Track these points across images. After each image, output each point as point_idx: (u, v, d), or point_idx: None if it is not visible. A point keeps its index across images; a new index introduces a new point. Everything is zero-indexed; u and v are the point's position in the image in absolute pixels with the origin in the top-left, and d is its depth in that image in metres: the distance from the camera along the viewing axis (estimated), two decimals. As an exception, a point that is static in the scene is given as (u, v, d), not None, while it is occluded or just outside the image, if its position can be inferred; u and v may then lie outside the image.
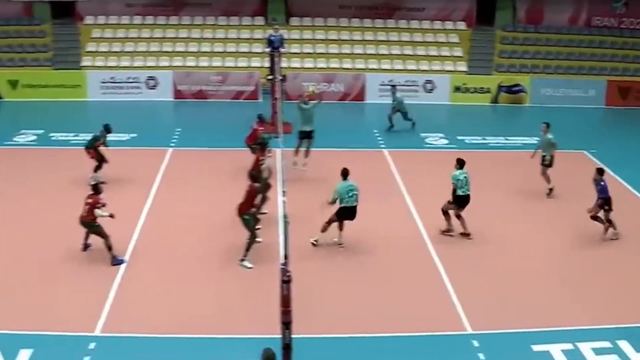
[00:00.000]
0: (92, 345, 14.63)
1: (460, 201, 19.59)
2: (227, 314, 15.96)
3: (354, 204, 18.77)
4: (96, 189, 18.06)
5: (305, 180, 23.05)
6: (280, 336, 11.87)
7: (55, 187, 22.82)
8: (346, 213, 18.81)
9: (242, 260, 17.91)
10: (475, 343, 14.99)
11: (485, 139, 28.79)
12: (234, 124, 24.21)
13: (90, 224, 17.91)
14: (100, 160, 22.88)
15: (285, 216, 12.21)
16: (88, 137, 23.37)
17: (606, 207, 19.59)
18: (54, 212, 20.58)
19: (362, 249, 19.05)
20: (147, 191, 22.53)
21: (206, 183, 23.29)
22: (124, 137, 27.45)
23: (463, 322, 15.77)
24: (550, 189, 22.80)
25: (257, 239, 18.14)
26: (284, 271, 11.60)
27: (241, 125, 25.34)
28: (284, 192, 14.55)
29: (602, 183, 19.57)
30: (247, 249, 17.89)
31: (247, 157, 21.81)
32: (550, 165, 22.71)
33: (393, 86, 29.98)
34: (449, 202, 19.71)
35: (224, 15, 38.15)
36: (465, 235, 19.74)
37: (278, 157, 21.87)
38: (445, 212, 19.80)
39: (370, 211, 19.78)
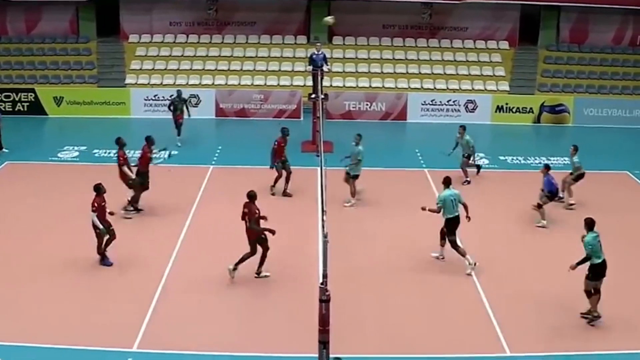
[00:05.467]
0: (129, 361, 14.83)
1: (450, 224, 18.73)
2: (263, 332, 15.97)
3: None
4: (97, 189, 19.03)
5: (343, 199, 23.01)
6: (317, 356, 11.84)
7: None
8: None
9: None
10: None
11: (527, 159, 28.55)
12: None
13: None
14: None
15: (325, 235, 12.19)
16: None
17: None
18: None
19: (399, 269, 18.93)
20: (188, 208, 22.71)
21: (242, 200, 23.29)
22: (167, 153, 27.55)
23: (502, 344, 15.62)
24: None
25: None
26: (323, 290, 11.58)
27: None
28: (324, 211, 14.52)
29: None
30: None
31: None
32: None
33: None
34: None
35: (267, 34, 38.37)
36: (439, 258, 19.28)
37: (319, 176, 21.86)
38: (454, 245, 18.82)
39: (408, 230, 19.66)
